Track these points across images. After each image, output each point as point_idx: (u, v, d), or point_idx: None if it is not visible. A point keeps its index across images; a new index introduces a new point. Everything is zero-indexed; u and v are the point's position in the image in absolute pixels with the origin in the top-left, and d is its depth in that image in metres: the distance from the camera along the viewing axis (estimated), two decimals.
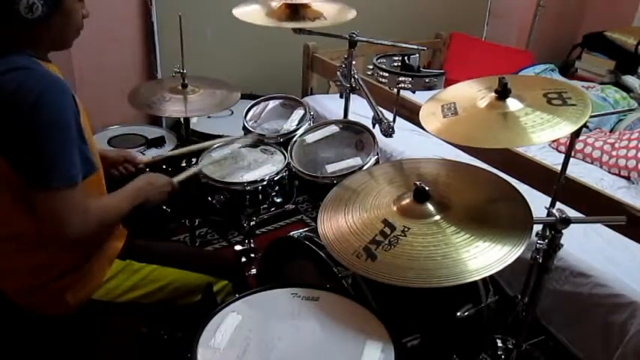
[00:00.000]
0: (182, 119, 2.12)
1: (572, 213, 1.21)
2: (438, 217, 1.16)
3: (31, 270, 1.27)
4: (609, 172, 2.52)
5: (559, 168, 1.41)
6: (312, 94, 3.09)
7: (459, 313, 1.44)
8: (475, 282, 1.49)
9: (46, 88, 1.10)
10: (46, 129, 1.10)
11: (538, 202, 1.28)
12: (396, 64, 1.61)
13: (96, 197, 1.27)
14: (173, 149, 2.35)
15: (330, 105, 2.87)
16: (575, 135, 1.29)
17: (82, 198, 1.17)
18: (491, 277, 1.46)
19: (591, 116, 1.19)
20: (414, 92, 1.59)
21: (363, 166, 1.63)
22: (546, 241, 1.25)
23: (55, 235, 1.18)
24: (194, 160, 1.91)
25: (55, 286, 1.28)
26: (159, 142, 2.44)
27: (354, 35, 1.81)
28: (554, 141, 2.70)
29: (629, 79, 3.38)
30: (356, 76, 1.83)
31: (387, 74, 1.57)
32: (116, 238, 1.40)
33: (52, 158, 1.11)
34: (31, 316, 1.31)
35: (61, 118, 1.11)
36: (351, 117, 1.96)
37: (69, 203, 1.14)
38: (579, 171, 2.40)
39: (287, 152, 1.81)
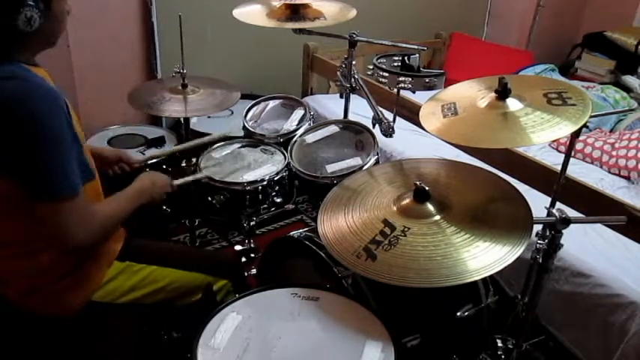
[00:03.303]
0: (182, 119, 2.12)
1: (572, 213, 1.21)
2: (438, 217, 1.16)
3: (30, 273, 1.27)
4: (609, 172, 2.52)
5: (559, 168, 1.41)
6: (312, 94, 3.09)
7: (459, 313, 1.44)
8: (475, 282, 1.49)
9: (40, 100, 1.09)
10: (41, 143, 1.09)
11: (538, 202, 1.28)
12: (396, 64, 1.61)
13: (98, 203, 1.27)
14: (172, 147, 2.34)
15: (330, 105, 2.87)
16: (575, 135, 1.29)
17: (85, 205, 1.17)
18: (491, 277, 1.47)
19: (591, 116, 1.19)
20: (414, 92, 1.59)
21: (363, 166, 1.63)
22: (546, 241, 1.25)
23: (61, 245, 1.19)
24: (194, 160, 1.91)
25: (54, 289, 1.28)
26: (159, 142, 2.44)
27: (354, 35, 1.81)
28: (554, 141, 2.69)
29: (629, 79, 3.38)
30: (356, 76, 1.83)
31: (387, 74, 1.57)
32: (114, 240, 1.40)
33: (52, 170, 1.11)
34: (32, 318, 1.31)
35: (57, 130, 1.11)
36: (351, 117, 1.96)
37: (73, 213, 1.14)
38: (579, 171, 2.40)
39: (287, 152, 1.81)
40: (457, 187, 1.27)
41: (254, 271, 2.00)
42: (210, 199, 1.75)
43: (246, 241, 2.13)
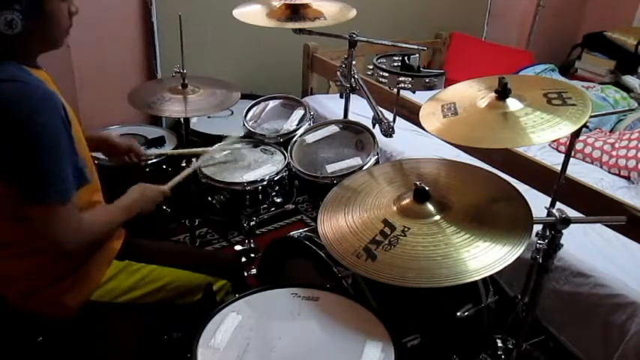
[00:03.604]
0: (182, 119, 2.12)
1: (572, 213, 1.20)
2: (438, 217, 1.16)
3: (29, 274, 1.27)
4: (609, 172, 2.52)
5: (559, 168, 1.41)
6: (312, 94, 3.09)
7: (459, 313, 1.44)
8: (475, 282, 1.49)
9: (37, 103, 1.09)
10: (37, 146, 1.09)
11: (538, 202, 1.28)
12: (396, 64, 1.61)
13: (90, 210, 1.27)
14: (175, 148, 2.35)
15: (330, 105, 2.87)
16: (575, 135, 1.29)
17: (75, 212, 1.17)
18: (491, 277, 1.46)
19: (591, 116, 1.19)
20: (414, 92, 1.59)
21: (363, 166, 1.63)
22: (546, 241, 1.25)
23: (50, 247, 1.19)
24: (194, 160, 1.90)
25: (53, 289, 1.28)
26: (159, 142, 2.44)
27: (354, 35, 1.81)
28: (554, 141, 2.70)
29: (629, 79, 3.38)
30: (356, 76, 1.83)
31: (387, 74, 1.57)
32: (114, 239, 1.40)
33: (44, 175, 1.11)
34: (31, 319, 1.31)
35: (53, 135, 1.10)
36: (351, 117, 1.96)
37: (62, 218, 1.14)
38: (579, 171, 2.40)
39: (287, 152, 1.81)
40: (457, 187, 1.27)
41: (254, 271, 2.00)
42: (210, 199, 1.75)
43: (246, 241, 2.13)
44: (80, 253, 1.28)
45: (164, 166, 2.23)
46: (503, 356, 1.54)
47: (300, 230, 1.71)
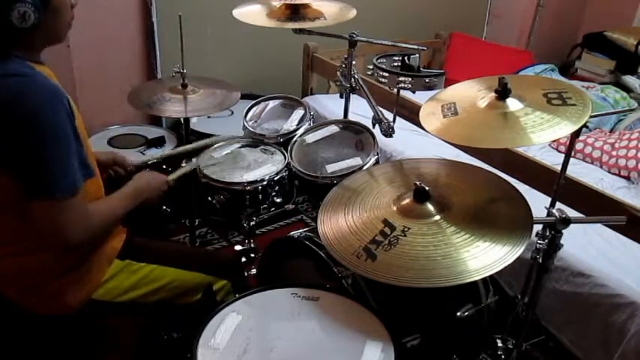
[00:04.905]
0: (182, 119, 2.12)
1: (572, 213, 1.21)
2: (438, 217, 1.16)
3: (30, 272, 1.27)
4: (609, 172, 2.52)
5: (559, 168, 1.41)
6: (312, 94, 3.09)
7: (459, 313, 1.44)
8: (475, 282, 1.49)
9: (42, 97, 1.09)
10: (44, 139, 1.09)
11: (538, 202, 1.28)
12: (396, 64, 1.61)
13: (93, 203, 1.27)
14: (175, 147, 2.35)
15: (330, 105, 2.86)
16: (575, 135, 1.29)
17: (83, 205, 1.17)
18: (491, 277, 1.46)
19: (591, 116, 1.19)
20: (414, 92, 1.59)
21: (363, 166, 1.63)
22: (546, 241, 1.25)
23: (56, 244, 1.19)
24: (194, 160, 1.91)
25: (54, 287, 1.28)
26: (159, 142, 2.45)
27: (354, 35, 1.81)
28: (554, 141, 2.70)
29: (629, 79, 3.38)
30: (356, 76, 1.83)
31: (387, 74, 1.57)
32: (115, 238, 1.40)
33: (53, 168, 1.11)
34: (31, 316, 1.31)
35: (59, 128, 1.11)
36: (351, 117, 1.96)
37: (71, 212, 1.14)
38: (579, 171, 2.40)
39: (287, 152, 1.81)
40: (457, 187, 1.27)
41: (254, 271, 1.99)
42: (210, 199, 1.75)
43: (246, 241, 2.13)
44: (83, 250, 1.28)
45: (164, 166, 2.23)
46: (503, 356, 1.54)
47: (300, 230, 1.71)
